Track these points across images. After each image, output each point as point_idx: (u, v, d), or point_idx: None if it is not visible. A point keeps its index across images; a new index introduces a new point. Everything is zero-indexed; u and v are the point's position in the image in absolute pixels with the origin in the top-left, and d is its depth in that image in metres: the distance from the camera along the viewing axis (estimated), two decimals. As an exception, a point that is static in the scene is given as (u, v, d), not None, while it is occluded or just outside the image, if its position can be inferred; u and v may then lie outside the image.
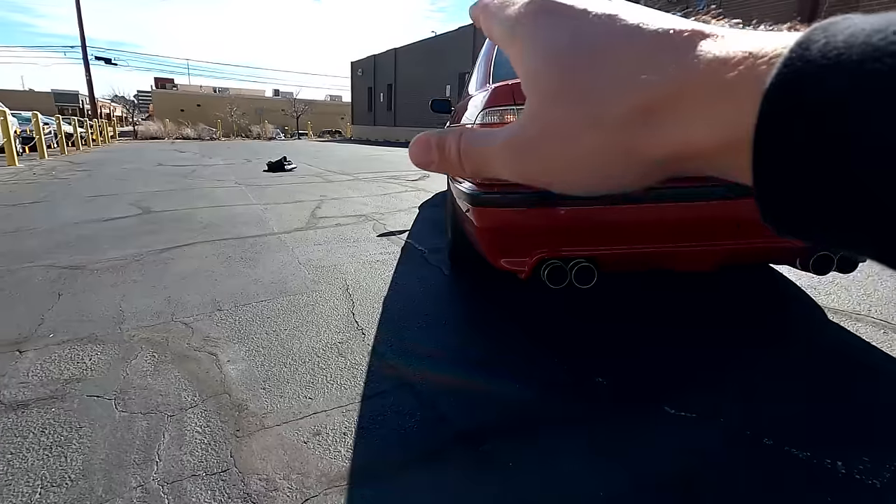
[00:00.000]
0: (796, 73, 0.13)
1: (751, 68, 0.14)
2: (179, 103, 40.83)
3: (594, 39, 0.18)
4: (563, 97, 0.19)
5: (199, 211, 4.59)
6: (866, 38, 0.12)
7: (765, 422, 1.38)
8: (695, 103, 0.16)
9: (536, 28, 0.20)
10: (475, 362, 1.77)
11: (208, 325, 2.04)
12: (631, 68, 0.17)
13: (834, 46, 0.12)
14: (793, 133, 0.13)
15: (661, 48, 0.17)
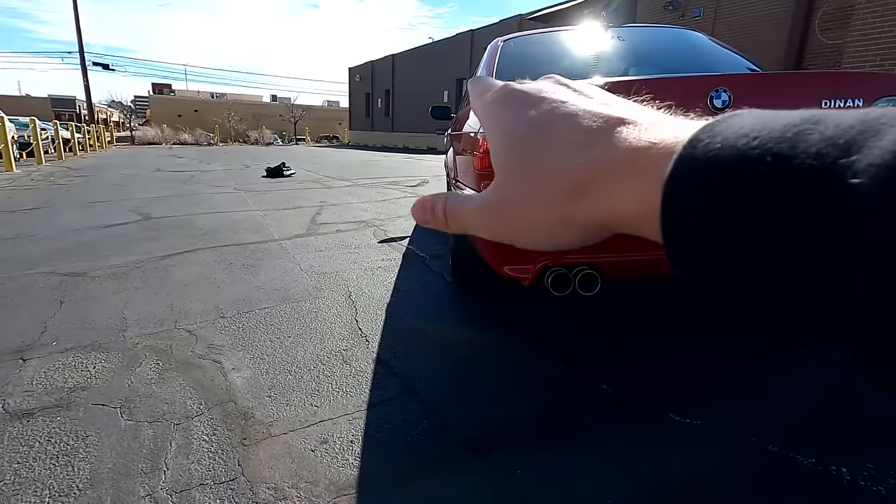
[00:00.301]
0: (684, 169, 0.16)
1: (655, 158, 0.18)
2: (177, 109, 40.83)
3: (539, 126, 0.22)
4: (516, 173, 0.23)
5: (198, 217, 4.59)
6: (734, 141, 0.15)
7: (769, 428, 1.39)
8: (615, 182, 0.19)
9: (498, 114, 0.25)
10: (480, 369, 1.78)
11: (212, 333, 2.04)
12: (564, 151, 0.21)
13: (712, 148, 0.16)
14: (683, 216, 0.16)
15: (590, 134, 0.21)
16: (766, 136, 0.14)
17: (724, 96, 1.58)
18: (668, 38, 2.77)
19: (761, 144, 0.14)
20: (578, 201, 0.20)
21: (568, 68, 2.47)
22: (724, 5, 11.26)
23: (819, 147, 0.13)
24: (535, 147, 0.22)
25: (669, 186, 0.16)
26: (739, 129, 0.15)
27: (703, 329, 2.10)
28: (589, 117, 0.21)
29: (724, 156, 0.15)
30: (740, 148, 0.15)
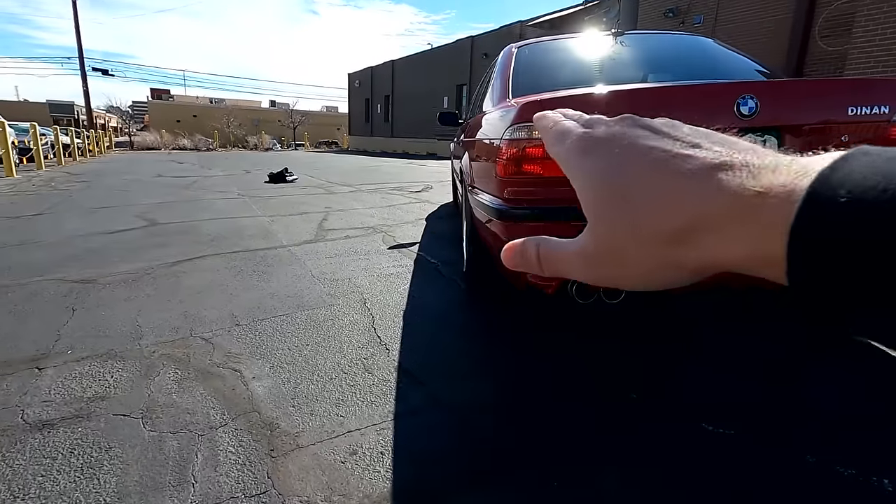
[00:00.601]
0: (811, 223, 0.16)
1: (765, 209, 0.18)
2: (176, 114, 40.84)
3: (633, 176, 0.22)
4: (609, 222, 0.23)
5: (204, 223, 4.57)
6: (861, 194, 0.15)
7: (805, 439, 1.38)
8: (719, 231, 0.19)
9: (582, 163, 0.25)
10: (505, 378, 1.76)
11: (229, 341, 2.02)
12: (662, 201, 0.21)
13: (838, 201, 0.16)
14: (815, 271, 0.16)
15: (687, 181, 0.21)
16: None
17: (752, 103, 1.58)
18: (681, 44, 2.78)
19: (892, 198, 0.15)
20: (681, 249, 0.21)
21: (586, 75, 2.47)
22: (723, 12, 11.34)
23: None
24: (632, 198, 0.22)
25: (796, 234, 0.17)
26: (863, 180, 0.16)
27: (728, 335, 2.08)
28: (682, 163, 0.21)
29: (854, 211, 0.15)
30: (871, 201, 0.15)
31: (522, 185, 1.76)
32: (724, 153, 0.21)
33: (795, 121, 1.64)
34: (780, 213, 0.17)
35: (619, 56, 2.61)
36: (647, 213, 0.21)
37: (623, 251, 0.23)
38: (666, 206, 0.21)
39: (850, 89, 1.68)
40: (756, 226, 0.18)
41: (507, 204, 1.80)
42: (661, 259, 0.22)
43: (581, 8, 14.57)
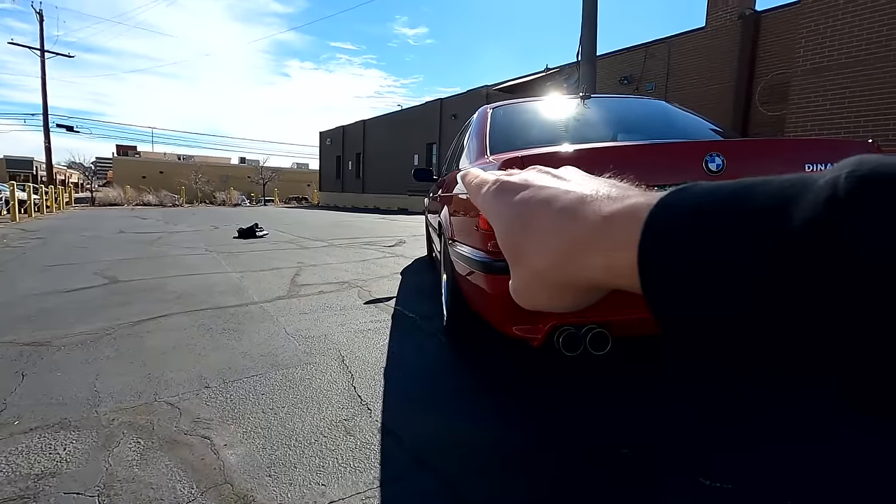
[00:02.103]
0: (654, 231, 0.19)
1: (621, 225, 0.21)
2: (141, 170, 40.34)
3: (524, 214, 0.26)
4: (517, 259, 0.27)
5: (170, 280, 4.39)
6: (693, 207, 0.19)
7: (805, 490, 1.36)
8: (588, 251, 0.22)
9: (494, 207, 0.29)
10: (494, 438, 1.69)
11: (197, 405, 1.88)
12: (543, 233, 0.25)
13: (675, 213, 0.19)
14: (658, 269, 0.19)
15: (561, 212, 0.24)
16: (713, 208, 0.18)
17: (719, 160, 1.67)
18: (644, 106, 2.97)
19: (710, 215, 0.18)
20: (564, 270, 0.24)
21: (558, 134, 2.59)
22: (672, 80, 12.34)
23: (753, 214, 0.17)
24: (523, 234, 0.26)
25: (644, 245, 0.19)
26: (691, 203, 0.19)
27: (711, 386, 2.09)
28: (561, 198, 0.25)
29: (682, 225, 0.18)
30: (695, 217, 0.18)
31: (506, 238, 1.78)
32: (593, 188, 0.24)
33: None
34: (630, 234, 0.20)
35: (588, 117, 2.76)
36: (537, 248, 0.25)
37: (529, 281, 0.26)
38: (548, 238, 0.24)
39: (805, 148, 1.81)
40: (611, 244, 0.21)
41: (491, 256, 1.80)
42: (555, 282, 0.25)
43: (543, 74, 15.57)
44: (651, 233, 0.19)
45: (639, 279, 0.19)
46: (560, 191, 0.25)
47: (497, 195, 0.29)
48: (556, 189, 0.26)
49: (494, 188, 0.30)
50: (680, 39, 12.21)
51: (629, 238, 0.20)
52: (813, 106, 7.74)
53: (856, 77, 7.30)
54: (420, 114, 21.47)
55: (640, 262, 0.19)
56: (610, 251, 0.21)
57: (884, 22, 7.00)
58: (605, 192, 0.23)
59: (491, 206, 0.29)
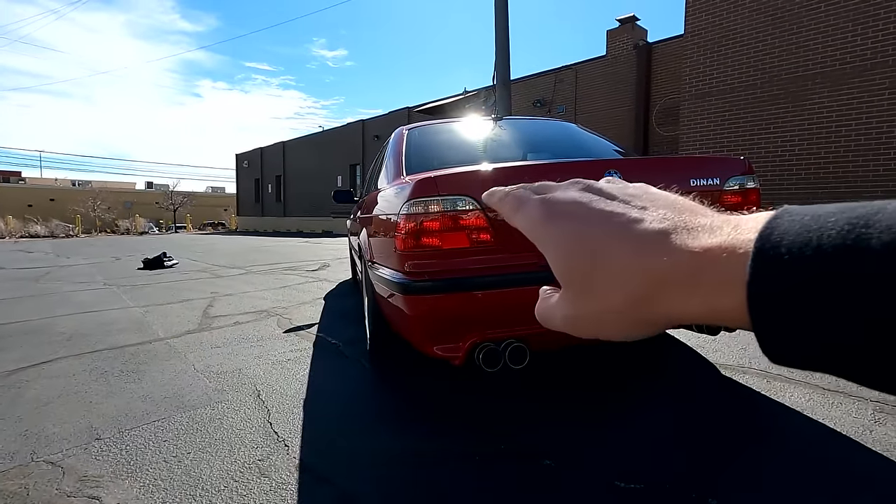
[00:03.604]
0: (765, 274, 0.18)
1: (719, 264, 0.19)
2: (27, 198, 36.14)
3: (593, 242, 0.24)
4: (582, 290, 0.25)
5: (59, 320, 3.92)
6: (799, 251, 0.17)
7: (706, 483, 1.45)
8: (679, 290, 0.21)
9: (547, 231, 0.26)
10: (419, 460, 1.65)
11: (85, 461, 1.67)
12: (622, 267, 0.22)
13: (781, 256, 0.18)
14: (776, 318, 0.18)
15: (643, 245, 0.22)
16: (829, 243, 0.17)
17: (616, 177, 1.79)
18: (551, 127, 3.14)
19: (827, 252, 0.16)
20: (647, 309, 0.22)
21: (472, 154, 2.66)
22: (580, 104, 13.24)
23: (882, 251, 0.15)
24: (591, 267, 0.24)
25: (754, 288, 0.18)
26: (796, 238, 0.17)
27: (616, 391, 2.20)
28: (636, 228, 0.23)
29: (796, 264, 0.17)
30: (808, 256, 0.17)
31: (422, 258, 1.78)
32: (668, 216, 0.23)
33: (652, 191, 1.90)
34: (730, 271, 0.19)
35: (500, 137, 2.87)
36: (613, 282, 0.23)
37: (597, 314, 0.24)
38: (628, 274, 0.22)
39: (690, 165, 2.00)
40: (707, 284, 0.20)
41: (409, 277, 1.79)
42: (632, 318, 0.23)
43: (462, 97, 16.06)
44: (761, 273, 0.18)
45: (749, 321, 0.18)
46: (630, 217, 0.23)
47: (550, 219, 0.26)
48: (625, 214, 0.24)
49: (542, 210, 0.27)
50: (584, 66, 13.17)
51: (733, 277, 0.19)
52: (700, 127, 8.64)
53: (734, 101, 8.27)
54: (342, 135, 21.25)
55: (752, 305, 0.18)
56: (710, 291, 0.20)
57: (751, 55, 8.03)
58: (684, 220, 0.22)
59: (543, 230, 0.27)
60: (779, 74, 7.76)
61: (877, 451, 1.58)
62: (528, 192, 0.29)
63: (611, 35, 12.79)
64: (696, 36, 8.65)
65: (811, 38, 7.42)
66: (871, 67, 6.92)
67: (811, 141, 7.51)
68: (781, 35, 7.69)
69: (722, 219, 0.21)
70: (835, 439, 1.67)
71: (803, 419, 1.82)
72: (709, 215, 0.22)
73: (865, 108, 7.00)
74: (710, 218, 0.22)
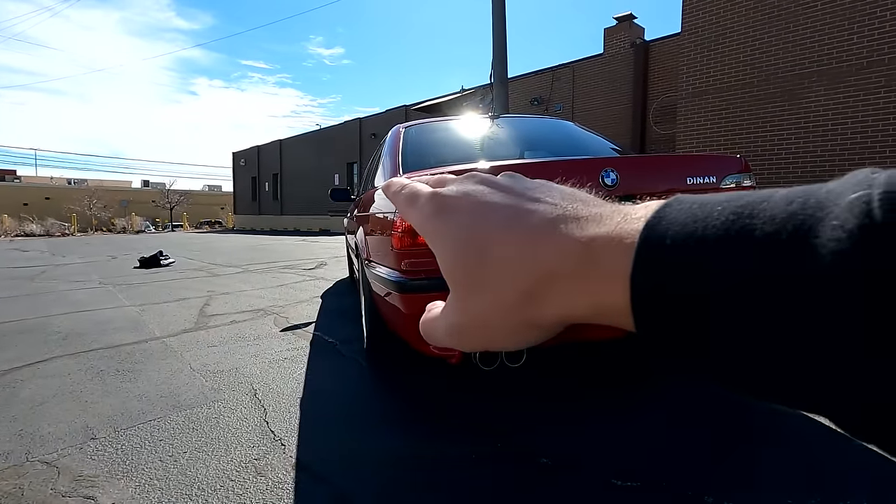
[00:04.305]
0: (646, 268, 0.17)
1: (604, 255, 0.18)
2: (22, 197, 35.98)
3: (481, 241, 0.22)
4: (472, 293, 0.23)
5: (55, 318, 3.90)
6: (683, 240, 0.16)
7: (702, 481, 1.45)
8: (567, 283, 0.19)
9: (436, 226, 0.25)
10: (416, 460, 1.65)
11: (80, 461, 1.66)
12: (510, 262, 0.21)
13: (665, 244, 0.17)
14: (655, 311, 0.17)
15: (531, 237, 0.21)
16: (713, 235, 0.16)
17: (613, 175, 1.79)
18: (549, 126, 3.14)
19: (710, 244, 0.15)
20: (535, 308, 0.21)
21: (469, 152, 2.65)
22: (577, 102, 13.24)
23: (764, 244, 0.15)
24: (479, 264, 0.22)
25: (637, 284, 0.17)
26: (682, 227, 0.16)
27: (611, 387, 2.20)
28: (525, 219, 0.21)
29: (679, 256, 0.16)
30: (692, 247, 0.16)
31: (418, 257, 1.78)
32: (560, 206, 0.21)
33: (648, 190, 1.90)
34: (616, 264, 0.18)
35: (497, 136, 2.86)
36: (503, 280, 0.21)
37: (486, 318, 0.22)
38: (515, 266, 0.21)
39: (686, 163, 2.00)
40: (594, 276, 0.18)
41: (405, 276, 1.79)
42: (521, 320, 0.21)
43: (459, 95, 16.05)
44: (645, 264, 0.17)
45: (632, 318, 0.17)
46: (521, 208, 0.22)
47: (438, 213, 0.25)
48: (516, 206, 0.22)
49: (432, 204, 0.25)
50: (582, 64, 13.17)
51: (618, 269, 0.17)
52: (696, 125, 8.66)
53: (730, 99, 8.28)
54: (339, 133, 21.21)
55: (634, 298, 0.17)
56: (595, 284, 0.18)
57: (747, 53, 8.04)
58: (575, 209, 0.21)
59: (431, 225, 0.25)
60: (775, 73, 7.78)
61: (872, 449, 1.58)
62: (423, 186, 0.28)
63: (608, 33, 12.79)
64: (693, 34, 8.66)
65: (807, 37, 7.44)
66: (866, 66, 6.95)
67: (807, 139, 7.53)
68: (778, 33, 7.71)
69: (614, 208, 0.20)
70: (830, 436, 1.68)
71: (799, 416, 1.83)
72: (602, 206, 0.21)
73: (861, 106, 7.02)
74: (602, 208, 0.21)
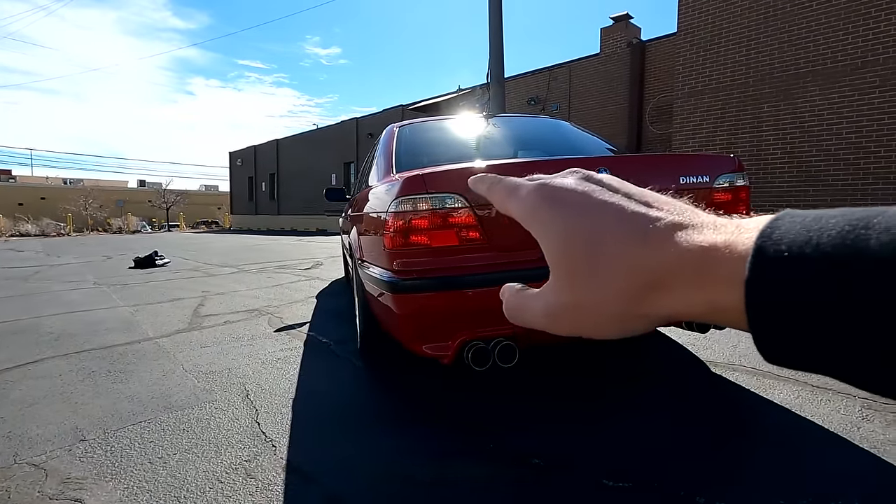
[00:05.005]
0: (762, 273, 0.18)
1: (721, 261, 0.19)
2: (18, 197, 35.77)
3: (596, 233, 0.23)
4: (579, 279, 0.23)
5: (47, 319, 3.88)
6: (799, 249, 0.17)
7: (695, 481, 1.45)
8: (682, 284, 0.20)
9: (551, 214, 0.25)
10: (408, 462, 1.63)
11: (68, 463, 1.64)
12: (627, 257, 0.22)
13: (781, 254, 0.17)
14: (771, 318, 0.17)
15: (648, 237, 0.22)
16: (829, 242, 0.16)
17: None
18: (543, 125, 3.13)
19: (826, 252, 0.16)
20: (648, 301, 0.22)
21: (463, 152, 2.64)
22: (574, 102, 13.24)
23: (881, 252, 0.15)
24: (589, 256, 0.23)
25: (752, 289, 0.18)
26: (796, 237, 0.17)
27: (604, 389, 2.20)
28: (641, 221, 0.22)
29: (795, 261, 0.17)
30: (808, 254, 0.17)
31: (410, 256, 1.77)
32: (674, 212, 0.22)
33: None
34: (731, 268, 0.19)
35: (491, 135, 2.86)
36: (618, 272, 0.22)
37: (588, 306, 0.23)
38: (632, 263, 0.22)
39: (679, 163, 1.99)
40: (710, 281, 0.19)
41: (397, 276, 1.78)
42: (625, 313, 0.22)
43: (456, 94, 16.04)
44: (761, 270, 0.18)
45: (746, 319, 0.18)
46: (635, 210, 0.23)
47: (547, 203, 0.25)
48: (626, 206, 0.23)
49: (539, 194, 0.26)
50: (578, 64, 13.17)
51: (733, 274, 0.18)
52: (692, 125, 8.67)
53: (726, 99, 8.29)
54: (336, 132, 21.17)
55: (749, 303, 0.18)
56: (712, 288, 0.19)
57: (743, 53, 8.05)
58: (688, 217, 0.22)
59: (540, 214, 0.25)
60: (770, 73, 7.80)
61: (864, 448, 1.58)
62: (522, 179, 0.28)
63: (605, 33, 12.79)
64: (689, 34, 8.67)
65: (802, 37, 7.45)
66: (861, 66, 6.97)
67: (802, 139, 7.55)
68: (773, 33, 7.73)
69: (724, 219, 0.21)
70: (823, 436, 1.68)
71: (792, 416, 1.82)
72: (710, 216, 0.22)
73: (856, 106, 7.04)
74: (713, 217, 0.22)
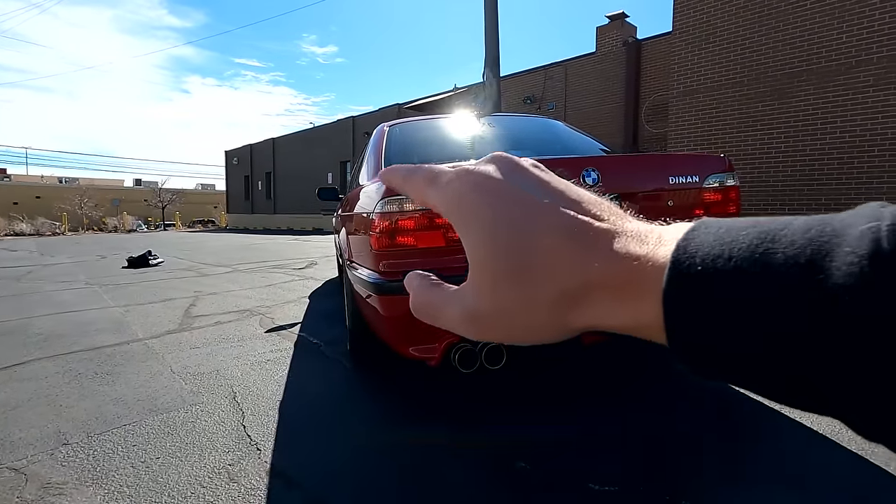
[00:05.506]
0: (677, 290, 0.18)
1: (645, 274, 0.19)
2: (12, 196, 35.59)
3: (527, 227, 0.22)
4: (504, 281, 0.22)
5: (37, 320, 3.84)
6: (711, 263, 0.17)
7: (680, 485, 1.44)
8: (608, 295, 0.20)
9: (470, 209, 0.23)
10: (395, 465, 1.62)
11: (49, 467, 1.62)
12: (551, 261, 0.21)
13: (694, 268, 0.18)
14: (685, 331, 0.18)
15: (574, 243, 0.21)
16: (739, 256, 0.17)
17: (594, 175, 1.77)
18: (535, 125, 3.11)
19: (737, 265, 0.17)
20: (573, 309, 0.21)
21: (454, 151, 2.62)
22: (570, 101, 13.23)
23: (786, 266, 0.16)
24: (524, 255, 0.22)
25: (668, 304, 0.18)
26: (710, 249, 0.17)
27: (594, 393, 2.19)
28: (576, 224, 0.21)
29: (707, 275, 0.17)
30: (720, 268, 0.17)
31: (397, 257, 1.75)
32: (605, 216, 0.22)
33: (630, 189, 1.88)
34: (651, 281, 0.19)
35: (482, 134, 2.84)
36: (544, 276, 0.21)
37: (516, 314, 0.22)
38: (566, 267, 0.21)
39: (669, 163, 1.98)
40: (635, 295, 0.19)
41: (383, 277, 1.76)
42: (553, 320, 0.21)
43: (452, 93, 16.01)
44: (675, 284, 0.18)
45: (664, 332, 0.18)
46: (565, 212, 0.22)
47: (471, 191, 0.23)
48: (559, 205, 0.22)
49: (464, 182, 0.24)
50: (574, 63, 13.16)
51: (654, 287, 0.18)
52: (688, 124, 8.67)
53: (721, 98, 8.29)
54: (332, 131, 21.11)
55: (666, 316, 0.18)
56: (635, 301, 0.19)
57: (738, 52, 8.06)
58: (621, 225, 0.21)
59: (461, 203, 0.24)
60: (765, 72, 7.80)
61: (853, 451, 1.57)
62: (444, 166, 0.26)
63: (600, 32, 12.78)
64: (684, 33, 8.67)
65: (797, 36, 7.46)
66: (856, 65, 6.97)
67: (797, 138, 7.56)
68: (768, 32, 7.73)
69: (647, 228, 0.21)
70: (812, 439, 1.67)
71: (781, 419, 1.81)
72: (637, 223, 0.22)
73: (851, 105, 7.05)
74: (638, 225, 0.21)
